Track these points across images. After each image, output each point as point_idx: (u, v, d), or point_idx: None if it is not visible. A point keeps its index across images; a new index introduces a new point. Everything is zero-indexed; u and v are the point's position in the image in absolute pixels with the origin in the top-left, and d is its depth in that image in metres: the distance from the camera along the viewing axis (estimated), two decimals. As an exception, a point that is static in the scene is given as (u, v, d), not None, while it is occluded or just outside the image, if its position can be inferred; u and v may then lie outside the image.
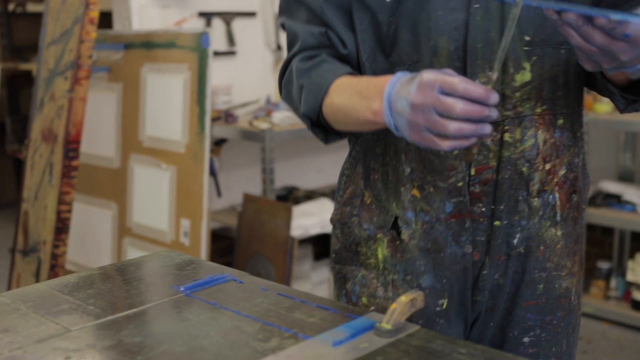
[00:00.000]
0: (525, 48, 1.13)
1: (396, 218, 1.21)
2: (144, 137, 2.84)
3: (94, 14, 2.58)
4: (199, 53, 2.63)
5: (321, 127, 1.22)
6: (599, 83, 1.16)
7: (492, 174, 1.17)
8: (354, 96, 1.09)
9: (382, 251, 1.23)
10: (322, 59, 1.20)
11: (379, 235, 1.23)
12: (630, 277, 3.42)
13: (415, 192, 1.19)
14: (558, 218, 1.22)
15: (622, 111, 1.17)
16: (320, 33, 1.21)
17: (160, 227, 2.77)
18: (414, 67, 1.15)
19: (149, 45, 2.82)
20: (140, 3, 3.35)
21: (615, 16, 0.83)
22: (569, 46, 1.16)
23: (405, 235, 1.21)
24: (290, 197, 3.73)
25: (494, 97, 0.92)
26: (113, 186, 2.98)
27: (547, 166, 1.19)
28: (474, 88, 0.91)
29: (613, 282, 3.56)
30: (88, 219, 3.10)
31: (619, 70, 0.94)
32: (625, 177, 3.74)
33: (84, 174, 3.06)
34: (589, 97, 3.50)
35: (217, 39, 3.61)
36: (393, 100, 1.00)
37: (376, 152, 1.23)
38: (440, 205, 1.18)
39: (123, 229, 2.94)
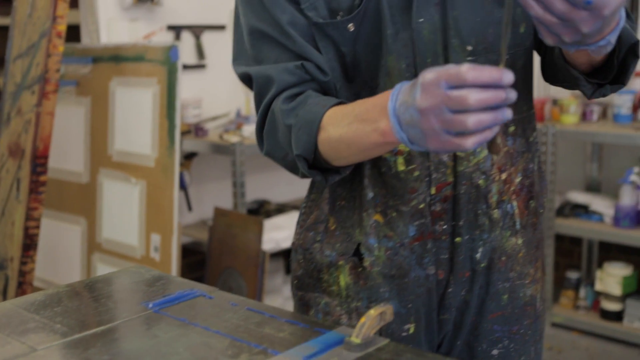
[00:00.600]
0: (469, 58, 1.12)
1: (359, 244, 1.19)
2: (113, 152, 2.81)
3: (62, 27, 2.55)
4: (168, 66, 2.62)
5: (318, 168, 1.12)
6: (562, 72, 1.12)
7: (451, 190, 1.15)
8: (353, 123, 1.01)
9: (344, 278, 1.21)
10: (307, 95, 1.11)
11: (340, 262, 1.21)
12: (598, 286, 3.47)
13: (378, 217, 1.18)
14: (518, 226, 1.21)
15: (589, 97, 1.14)
16: (297, 67, 1.13)
17: (130, 243, 2.75)
18: (375, 91, 1.13)
19: (117, 58, 2.80)
20: (109, 16, 3.33)
21: None
22: (514, 50, 1.15)
23: (367, 262, 1.18)
24: (262, 210, 3.72)
25: (508, 76, 0.83)
26: (82, 201, 2.95)
27: (503, 176, 1.18)
28: (484, 72, 0.82)
29: (582, 292, 3.60)
30: (57, 235, 3.06)
31: (580, 48, 0.91)
32: (592, 188, 3.79)
33: (52, 189, 3.03)
34: (555, 108, 3.54)
35: (186, 52, 3.60)
36: (400, 113, 0.91)
37: (344, 177, 1.21)
38: (404, 229, 1.16)
39: (92, 245, 2.91)
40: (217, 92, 3.71)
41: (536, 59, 1.25)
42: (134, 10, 3.40)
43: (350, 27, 1.12)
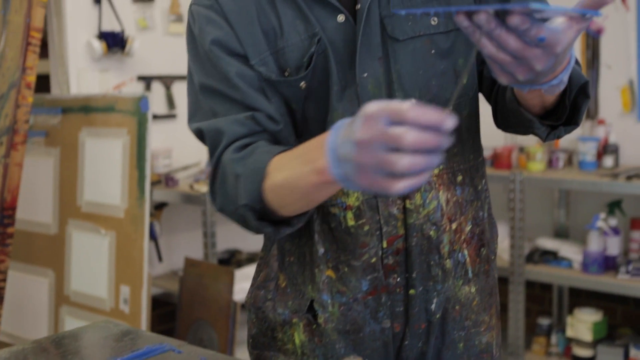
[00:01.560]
0: None
1: (312, 301, 1.18)
2: (82, 202, 2.79)
3: (31, 78, 2.55)
4: (138, 117, 2.62)
5: (268, 220, 1.08)
6: (515, 116, 1.12)
7: (402, 243, 1.15)
8: (295, 166, 0.97)
9: (298, 336, 1.20)
10: (257, 145, 1.09)
11: (294, 320, 1.19)
12: (569, 332, 3.48)
13: (330, 273, 1.17)
14: (470, 275, 1.21)
15: (544, 139, 1.14)
16: (247, 118, 1.11)
17: (99, 295, 2.71)
18: None
19: (87, 109, 2.80)
20: (79, 67, 3.34)
21: (535, 5, 0.77)
22: (457, 100, 1.16)
23: (321, 319, 1.17)
24: (233, 260, 3.70)
25: (450, 121, 0.79)
26: (50, 253, 2.91)
27: (454, 225, 1.18)
28: (427, 113, 0.78)
29: (554, 338, 3.61)
30: (24, 288, 3.00)
31: (533, 88, 0.91)
32: (561, 234, 3.83)
33: (20, 241, 2.98)
34: (522, 156, 3.60)
35: (157, 102, 3.61)
36: (338, 147, 0.86)
37: (292, 233, 1.19)
38: (357, 284, 1.15)
39: (60, 298, 2.86)
40: (188, 142, 3.71)
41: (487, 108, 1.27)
42: (105, 61, 3.41)
43: (302, 85, 1.13)
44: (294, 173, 0.97)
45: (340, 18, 1.12)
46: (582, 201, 3.81)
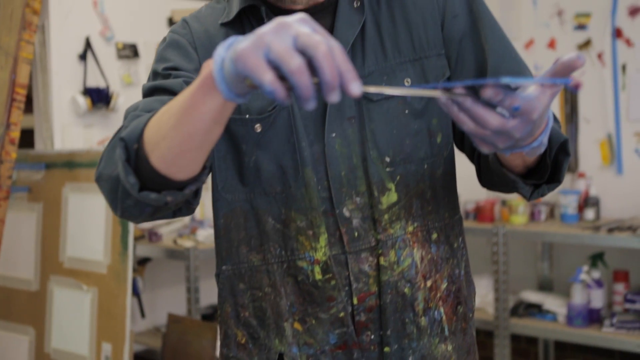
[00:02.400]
0: (388, 169, 1.14)
1: (281, 355, 1.16)
2: (64, 258, 2.77)
3: (15, 134, 2.56)
4: (123, 173, 2.62)
5: (151, 186, 0.92)
6: (498, 177, 1.12)
7: (375, 300, 1.14)
8: (180, 96, 0.88)
9: None
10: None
11: None
12: (556, 386, 3.46)
13: (297, 325, 1.16)
14: (446, 333, 1.20)
15: (529, 199, 1.14)
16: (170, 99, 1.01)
17: (80, 352, 2.66)
18: (278, 197, 1.14)
19: (71, 164, 2.80)
20: (63, 122, 3.35)
21: (506, 79, 0.77)
22: (432, 159, 1.17)
23: None
24: (216, 315, 3.66)
25: (356, 86, 0.73)
26: (31, 310, 2.86)
27: (429, 283, 1.18)
28: (342, 58, 0.72)
29: (540, 392, 3.59)
30: (3, 346, 2.95)
31: (514, 151, 0.91)
32: (545, 286, 3.84)
33: (0, 297, 2.94)
34: (504, 209, 3.62)
35: (141, 158, 3.62)
36: (233, 43, 0.77)
37: (240, 287, 1.19)
38: (324, 337, 1.14)
39: (41, 356, 2.81)
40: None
41: (468, 165, 1.27)
42: (89, 117, 3.43)
43: (257, 127, 1.13)
44: (179, 96, 0.88)
45: (316, 80, 1.12)
46: (565, 254, 3.83)
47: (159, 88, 1.10)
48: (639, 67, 3.56)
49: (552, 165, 1.09)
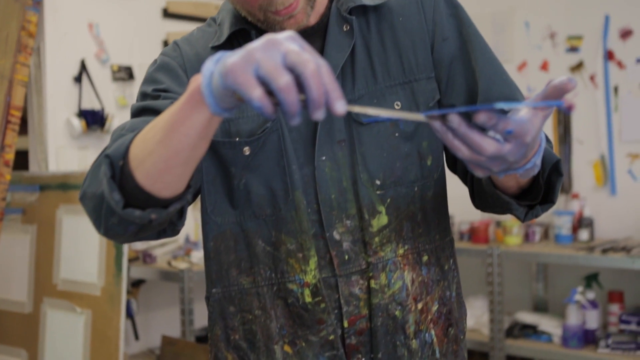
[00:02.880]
0: (378, 192, 1.14)
1: None
2: (58, 280, 2.76)
3: (9, 156, 2.56)
4: (117, 194, 2.62)
5: (136, 204, 0.92)
6: (492, 198, 1.12)
7: (366, 323, 1.14)
8: (167, 112, 0.88)
9: None
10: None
11: None
12: (552, 408, 3.44)
13: (287, 348, 1.16)
14: (437, 355, 1.19)
15: (523, 220, 1.13)
16: None
17: (73, 375, 2.65)
18: (268, 219, 1.14)
19: (65, 186, 2.80)
20: (58, 144, 3.35)
21: (500, 105, 0.78)
22: (422, 182, 1.18)
23: None
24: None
25: (340, 105, 0.74)
26: (24, 332, 2.85)
27: (419, 305, 1.17)
28: (329, 78, 0.73)
29: (536, 414, 3.57)
30: (-5, 369, 2.93)
31: (508, 173, 0.91)
32: (540, 307, 3.83)
33: (-7, 320, 2.93)
34: (499, 230, 3.63)
35: (135, 179, 3.62)
36: (221, 58, 0.78)
37: (230, 310, 1.19)
38: (314, 359, 1.14)
39: (33, 378, 2.79)
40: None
41: (459, 187, 1.27)
42: (84, 138, 3.43)
43: (246, 150, 1.13)
44: (163, 114, 0.89)
45: (302, 97, 1.12)
46: (560, 274, 3.83)
47: (147, 109, 1.11)
48: (630, 88, 3.59)
49: (545, 185, 1.10)
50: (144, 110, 1.12)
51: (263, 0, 1.07)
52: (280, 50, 0.73)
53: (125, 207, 0.91)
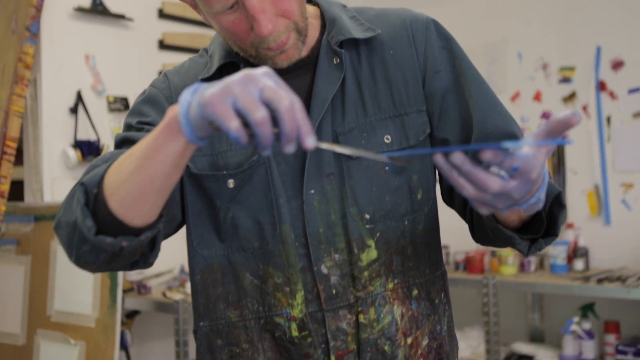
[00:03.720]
0: (367, 226, 1.14)
1: None
2: (52, 312, 2.74)
3: (5, 187, 2.56)
4: (112, 225, 2.62)
5: (108, 232, 0.94)
6: (494, 233, 1.11)
7: (354, 358, 1.13)
8: (143, 140, 0.91)
9: None
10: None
11: None
12: None
13: None
14: None
15: (526, 254, 1.12)
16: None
17: (65, 408, 2.62)
18: (256, 253, 1.14)
19: (60, 217, 2.80)
20: (53, 175, 3.35)
21: (507, 144, 0.78)
22: (412, 216, 1.17)
23: None
24: (205, 369, 3.62)
25: (310, 140, 0.78)
26: (16, 365, 2.83)
27: (409, 340, 1.17)
28: (301, 115, 0.77)
29: None
30: (-13, 402, 2.90)
31: (512, 208, 0.89)
32: (536, 338, 3.81)
33: (-15, 352, 2.91)
34: (494, 260, 3.63)
35: (131, 210, 3.61)
36: (198, 89, 0.82)
37: (218, 344, 1.18)
38: None
39: (25, 411, 2.76)
40: (161, 249, 3.70)
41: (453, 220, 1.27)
42: (79, 169, 3.43)
43: (230, 182, 1.14)
44: (140, 144, 0.91)
45: (276, 130, 1.12)
46: (556, 304, 3.82)
47: (129, 140, 1.13)
48: (623, 118, 3.62)
49: (547, 218, 1.09)
50: (126, 141, 1.14)
51: (255, 37, 1.07)
52: (257, 86, 0.78)
53: (98, 234, 0.93)
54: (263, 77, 0.78)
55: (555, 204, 1.08)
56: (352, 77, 1.17)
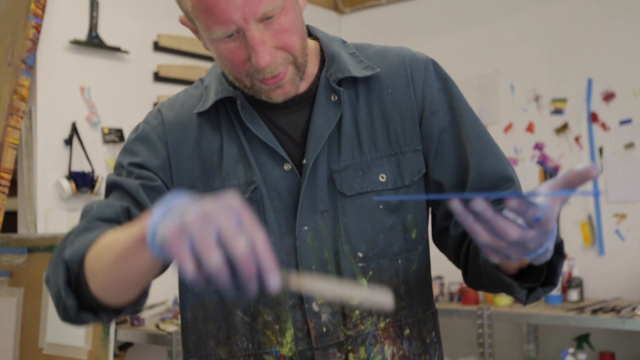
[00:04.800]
0: (360, 264, 1.13)
1: None
2: (44, 344, 2.72)
3: (-1, 219, 2.56)
4: (106, 256, 2.61)
5: (90, 305, 0.98)
6: (492, 279, 1.08)
7: None
8: (123, 230, 0.92)
9: None
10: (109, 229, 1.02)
11: None
12: None
13: None
14: None
15: (525, 303, 1.09)
16: (122, 207, 1.10)
17: None
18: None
19: (53, 248, 2.78)
20: (47, 207, 3.35)
21: (533, 194, 0.77)
22: (406, 255, 1.16)
23: None
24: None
25: (274, 280, 0.75)
26: (7, 398, 2.80)
27: None
28: (264, 254, 0.74)
29: None
30: None
31: (520, 257, 0.88)
32: (532, 369, 3.80)
33: (-24, 385, 2.88)
34: (489, 291, 3.62)
35: (124, 241, 3.60)
36: (168, 210, 0.79)
37: None
38: None
39: None
40: (154, 280, 3.68)
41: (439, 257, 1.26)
42: (73, 201, 3.43)
43: None
44: (118, 235, 0.93)
45: (287, 167, 1.13)
46: (551, 335, 3.81)
47: (119, 186, 1.14)
48: (615, 149, 3.64)
49: (547, 267, 1.07)
50: (116, 186, 1.15)
51: (250, 66, 1.06)
52: (215, 226, 0.73)
53: (80, 308, 0.98)
54: (223, 216, 0.73)
55: (556, 254, 1.06)
56: (350, 114, 1.17)
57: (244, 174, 1.14)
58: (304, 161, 1.13)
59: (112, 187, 1.16)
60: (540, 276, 1.07)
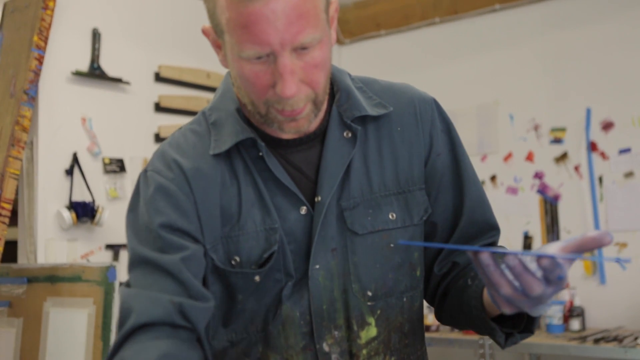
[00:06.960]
0: (369, 303, 1.12)
1: None
2: (42, 375, 2.70)
3: (-1, 249, 2.56)
4: (105, 287, 2.61)
5: None
6: (470, 320, 1.10)
7: None
8: None
9: None
10: (162, 354, 0.98)
11: None
12: None
13: None
14: None
15: (503, 346, 1.10)
16: (172, 303, 1.02)
17: None
18: (259, 335, 1.11)
19: (53, 279, 2.78)
20: (47, 237, 3.35)
21: (562, 256, 0.81)
22: (410, 292, 1.16)
23: None
24: None
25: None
26: None
27: None
28: None
29: None
30: None
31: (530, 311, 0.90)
32: (534, 400, 3.76)
33: (-26, 417, 2.85)
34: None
35: (124, 270, 3.60)
36: None
37: None
38: None
39: None
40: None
41: None
42: (73, 231, 3.43)
43: (257, 278, 1.10)
44: None
45: (303, 210, 1.11)
46: (553, 366, 3.78)
47: (154, 263, 1.06)
48: (615, 178, 3.65)
49: (526, 316, 1.07)
50: (149, 263, 1.06)
51: (273, 94, 1.02)
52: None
53: None
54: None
55: None
56: (360, 151, 1.14)
57: (262, 219, 1.10)
58: (317, 199, 1.11)
59: (143, 263, 1.07)
60: (520, 323, 1.07)
